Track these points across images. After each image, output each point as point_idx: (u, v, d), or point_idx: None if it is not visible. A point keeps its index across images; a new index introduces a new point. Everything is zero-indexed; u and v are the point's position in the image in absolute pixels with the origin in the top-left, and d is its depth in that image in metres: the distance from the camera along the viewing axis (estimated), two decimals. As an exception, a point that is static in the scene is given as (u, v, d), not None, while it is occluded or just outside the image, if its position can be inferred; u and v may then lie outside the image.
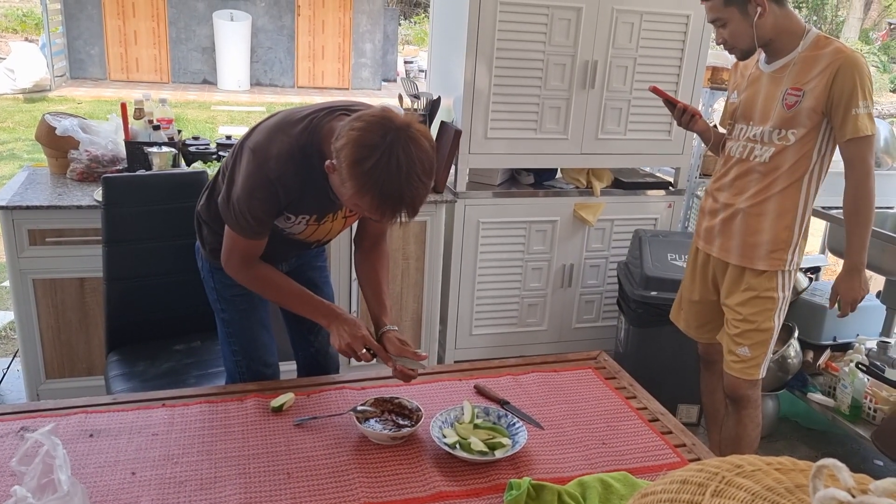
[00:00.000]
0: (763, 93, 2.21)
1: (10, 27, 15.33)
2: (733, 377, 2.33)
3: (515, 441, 1.55)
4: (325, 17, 11.83)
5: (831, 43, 2.11)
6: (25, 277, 2.61)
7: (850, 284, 2.22)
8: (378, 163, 1.39)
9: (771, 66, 2.21)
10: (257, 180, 1.60)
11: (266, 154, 1.59)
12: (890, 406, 2.74)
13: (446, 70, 3.25)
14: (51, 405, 1.65)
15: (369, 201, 1.44)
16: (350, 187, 1.44)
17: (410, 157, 1.41)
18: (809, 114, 2.10)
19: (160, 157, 2.79)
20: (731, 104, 2.36)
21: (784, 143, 2.15)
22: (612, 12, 3.07)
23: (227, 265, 1.76)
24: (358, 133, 1.41)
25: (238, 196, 1.63)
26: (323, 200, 1.68)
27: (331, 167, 1.49)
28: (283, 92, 11.54)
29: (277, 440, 1.55)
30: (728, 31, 2.14)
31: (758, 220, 2.23)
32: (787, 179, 2.18)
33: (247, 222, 1.65)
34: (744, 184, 2.26)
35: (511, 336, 3.43)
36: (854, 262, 2.20)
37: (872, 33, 18.41)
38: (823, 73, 2.07)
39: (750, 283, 2.26)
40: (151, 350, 2.24)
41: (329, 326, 1.73)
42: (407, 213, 1.46)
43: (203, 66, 11.58)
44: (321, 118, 1.61)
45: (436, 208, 3.05)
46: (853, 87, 2.04)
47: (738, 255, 2.28)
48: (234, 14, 11.27)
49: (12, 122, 8.48)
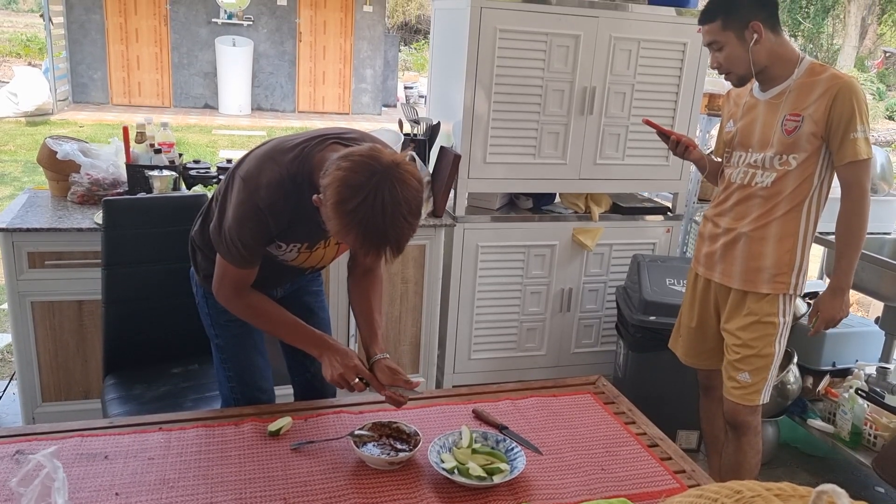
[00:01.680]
0: (761, 120, 2.23)
1: (14, 51, 15.48)
2: (733, 403, 2.32)
3: (514, 466, 1.54)
4: (327, 43, 11.95)
5: (826, 69, 2.14)
6: (24, 300, 2.61)
7: (833, 304, 2.23)
8: (362, 204, 1.38)
9: (767, 93, 2.23)
10: (247, 209, 1.60)
11: (256, 183, 1.58)
12: (890, 432, 2.72)
13: (446, 95, 3.27)
14: (46, 428, 1.64)
15: (353, 240, 1.44)
16: (334, 225, 1.44)
17: (396, 198, 1.40)
18: (809, 138, 2.12)
19: (161, 181, 2.80)
20: (727, 133, 2.37)
21: (786, 168, 2.17)
22: (609, 39, 3.11)
23: (219, 293, 1.76)
24: (343, 173, 1.41)
25: (229, 225, 1.63)
26: (314, 228, 1.67)
27: (318, 201, 1.49)
28: (284, 116, 11.62)
29: (274, 465, 1.54)
30: (724, 56, 2.16)
31: (760, 244, 2.23)
32: (790, 203, 2.19)
33: (237, 251, 1.64)
34: (745, 209, 2.27)
35: (510, 360, 3.42)
36: (840, 282, 2.22)
37: (868, 61, 18.59)
38: (822, 98, 2.09)
39: (751, 308, 2.26)
40: (148, 373, 2.23)
41: (320, 357, 1.73)
42: (392, 253, 1.45)
43: (205, 90, 11.67)
44: (312, 147, 1.60)
45: (435, 232, 3.05)
46: (852, 112, 2.06)
47: (740, 279, 2.28)
48: (236, 40, 11.38)
49: (14, 145, 8.52)
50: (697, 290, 2.46)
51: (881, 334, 3.02)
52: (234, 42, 11.36)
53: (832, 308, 2.24)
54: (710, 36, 2.17)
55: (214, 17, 11.34)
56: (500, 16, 2.96)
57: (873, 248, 2.95)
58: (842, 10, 18.81)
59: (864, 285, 2.97)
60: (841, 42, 19.00)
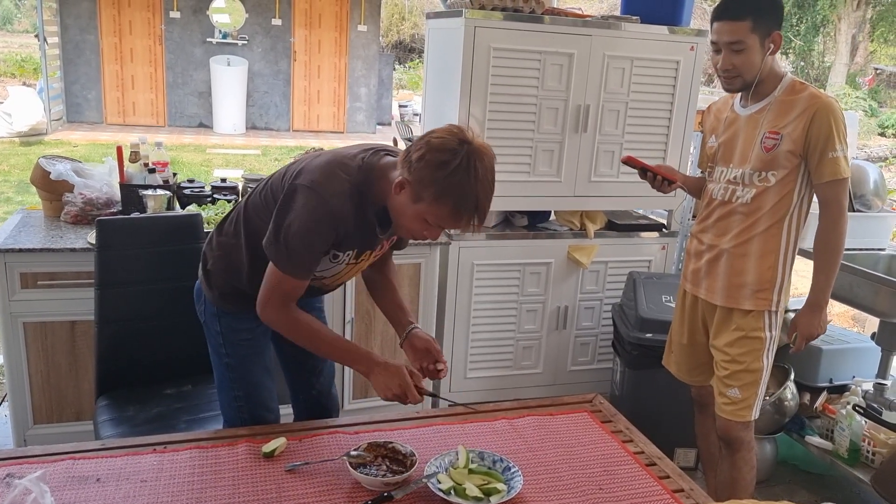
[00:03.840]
0: (742, 135, 2.24)
1: (9, 71, 15.51)
2: (725, 419, 2.31)
3: (511, 486, 1.52)
4: (321, 62, 12.00)
5: (806, 88, 2.15)
6: (16, 321, 2.59)
7: (811, 321, 2.23)
8: (459, 167, 1.50)
9: (747, 108, 2.24)
10: (320, 216, 1.61)
11: (328, 191, 1.61)
12: (888, 449, 2.71)
13: (440, 114, 3.28)
14: (38, 451, 1.62)
15: (447, 203, 1.53)
16: (429, 194, 1.53)
17: (485, 166, 1.53)
18: (787, 156, 2.13)
19: (155, 200, 2.79)
20: (710, 147, 2.38)
21: (765, 185, 2.18)
22: (603, 58, 3.13)
23: (266, 308, 1.72)
24: (439, 141, 1.53)
25: (294, 232, 1.62)
26: (369, 236, 1.72)
27: (401, 184, 1.57)
28: (279, 135, 11.64)
29: (268, 487, 1.52)
30: (741, 59, 2.12)
31: (742, 260, 2.24)
32: (770, 220, 2.20)
33: (300, 259, 1.65)
34: (726, 225, 2.28)
35: (506, 379, 3.41)
36: (818, 299, 2.22)
37: (859, 78, 18.76)
38: (801, 118, 2.10)
39: (738, 324, 2.27)
40: (141, 394, 2.21)
41: (368, 375, 1.72)
42: (479, 219, 1.56)
43: (199, 109, 11.70)
44: (370, 158, 1.68)
45: (430, 251, 3.05)
46: (829, 132, 2.07)
47: (723, 296, 2.29)
48: (230, 59, 11.43)
49: (7, 165, 8.51)
50: (686, 306, 2.47)
51: (877, 350, 3.02)
52: (229, 61, 11.41)
53: (810, 325, 2.24)
54: (734, 35, 2.09)
55: (209, 36, 11.39)
56: (493, 34, 2.97)
57: (868, 264, 2.95)
58: (832, 27, 19.01)
59: (860, 301, 2.97)
60: (832, 59, 19.18)
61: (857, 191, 3.06)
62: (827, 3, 18.21)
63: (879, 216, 3.08)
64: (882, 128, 15.29)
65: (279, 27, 11.69)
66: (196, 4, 11.29)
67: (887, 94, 18.74)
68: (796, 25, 18.78)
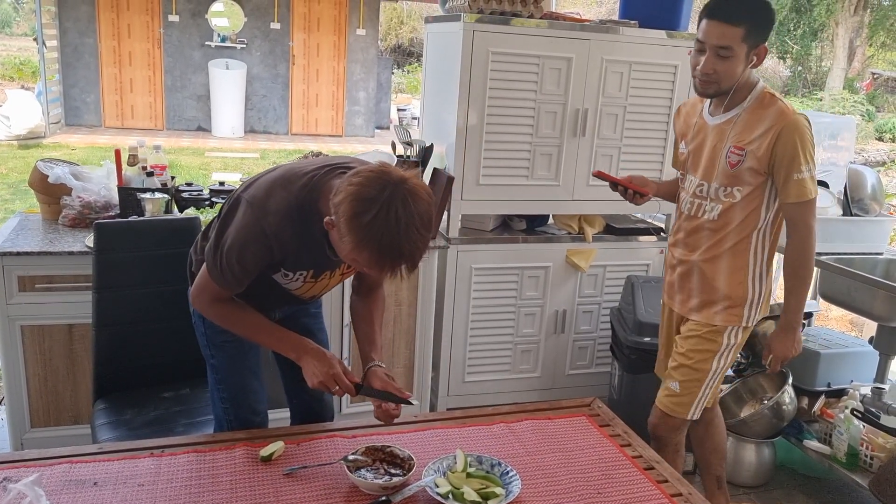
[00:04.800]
0: (708, 145, 2.21)
1: (7, 75, 15.51)
2: (660, 411, 2.32)
3: (509, 491, 1.52)
4: (320, 65, 12.01)
5: (775, 102, 2.10)
6: (14, 324, 2.58)
7: (784, 342, 2.22)
8: (377, 217, 1.39)
9: (716, 117, 2.20)
10: (252, 233, 1.60)
11: (264, 209, 1.59)
12: (886, 453, 2.71)
13: (439, 118, 3.28)
14: (35, 455, 1.62)
15: (368, 256, 1.44)
16: (349, 242, 1.43)
17: (409, 211, 1.41)
18: (751, 173, 2.11)
19: (153, 203, 2.79)
20: (681, 154, 2.36)
21: (731, 201, 2.16)
22: (601, 62, 3.13)
23: (196, 300, 1.78)
24: (356, 188, 1.42)
25: (229, 246, 1.62)
26: (320, 258, 1.67)
27: (329, 223, 1.49)
28: (278, 139, 11.64)
29: (266, 491, 1.52)
30: (725, 66, 2.05)
31: (712, 277, 2.24)
32: (737, 236, 2.18)
33: (231, 273, 1.65)
34: (695, 241, 2.28)
35: (504, 383, 3.40)
36: (791, 320, 2.21)
37: (857, 83, 18.80)
38: (766, 135, 2.06)
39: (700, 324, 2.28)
40: (139, 398, 2.20)
41: (299, 361, 1.71)
42: (407, 268, 1.46)
43: (198, 113, 11.70)
44: (322, 176, 1.61)
45: (428, 254, 3.05)
46: (794, 152, 2.04)
47: (696, 311, 2.29)
48: (229, 63, 11.44)
49: (5, 168, 8.50)
50: (665, 317, 2.49)
51: (875, 354, 3.02)
52: (228, 65, 11.41)
53: (784, 347, 2.23)
54: (725, 39, 2.01)
55: (208, 40, 11.40)
56: (492, 38, 2.98)
57: (866, 269, 2.95)
58: (830, 32, 19.05)
59: (857, 305, 2.97)
60: (830, 64, 19.22)
61: (854, 195, 3.07)
62: (824, 7, 18.26)
63: (877, 220, 3.09)
64: (880, 132, 15.32)
65: (278, 31, 11.70)
66: (195, 8, 11.30)
67: (885, 99, 18.78)
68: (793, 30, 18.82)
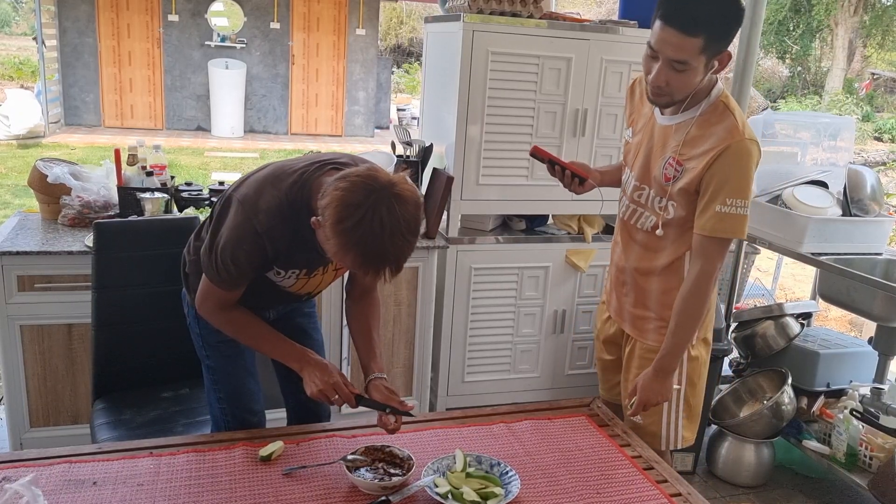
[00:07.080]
0: (649, 146, 1.98)
1: (7, 74, 15.51)
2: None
3: (508, 491, 1.52)
4: (320, 65, 12.02)
5: (726, 118, 1.84)
6: (13, 324, 2.58)
7: (654, 386, 1.95)
8: (361, 222, 1.39)
9: (665, 117, 1.95)
10: (244, 232, 1.60)
11: (255, 207, 1.59)
12: (885, 453, 2.71)
13: (438, 117, 3.28)
14: (34, 454, 1.62)
15: (352, 259, 1.45)
16: (333, 245, 1.44)
17: (394, 216, 1.41)
18: (683, 193, 1.88)
19: (152, 203, 2.79)
20: (626, 143, 2.12)
21: (665, 215, 1.94)
22: (601, 62, 3.13)
23: (201, 308, 1.77)
24: (342, 193, 1.42)
25: (223, 246, 1.62)
26: (312, 255, 1.67)
27: (316, 224, 1.49)
28: (277, 139, 11.64)
29: (265, 490, 1.52)
30: (679, 79, 1.79)
31: (643, 292, 2.05)
32: (671, 255, 1.97)
33: (227, 273, 1.64)
34: (629, 249, 2.09)
35: (504, 383, 3.40)
36: (665, 364, 1.94)
37: (856, 83, 18.81)
38: (704, 156, 1.82)
39: (640, 354, 2.10)
40: (138, 397, 2.20)
41: (301, 371, 1.72)
42: (391, 271, 1.46)
43: (197, 112, 11.70)
44: (311, 173, 1.61)
45: (428, 254, 3.05)
46: (724, 181, 1.79)
47: (629, 325, 2.12)
48: (229, 62, 11.44)
49: (5, 167, 8.50)
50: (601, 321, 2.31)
51: (875, 355, 3.02)
52: (227, 65, 11.42)
53: (652, 391, 1.95)
54: (680, 53, 1.74)
55: (207, 39, 11.40)
56: (491, 38, 2.97)
57: (865, 269, 2.95)
58: (829, 32, 19.07)
59: (857, 306, 2.97)
60: (829, 64, 19.24)
61: (854, 195, 3.06)
62: (823, 7, 18.27)
63: (877, 221, 3.09)
64: (879, 132, 15.34)
65: (277, 30, 11.70)
66: (194, 8, 11.30)
67: (884, 99, 18.80)
68: (792, 30, 18.83)
